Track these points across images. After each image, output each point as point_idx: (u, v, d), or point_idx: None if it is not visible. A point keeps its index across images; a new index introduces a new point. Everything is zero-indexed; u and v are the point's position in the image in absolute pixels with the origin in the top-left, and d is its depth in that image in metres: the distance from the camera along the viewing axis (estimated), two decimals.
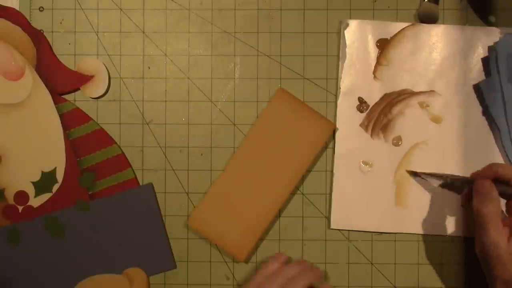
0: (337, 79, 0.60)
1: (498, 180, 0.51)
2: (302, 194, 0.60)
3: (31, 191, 0.60)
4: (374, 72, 0.59)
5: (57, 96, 0.60)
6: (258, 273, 0.56)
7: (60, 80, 0.60)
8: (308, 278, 0.54)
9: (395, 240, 0.59)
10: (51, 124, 0.60)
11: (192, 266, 0.60)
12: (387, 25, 0.59)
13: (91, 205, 0.60)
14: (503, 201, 0.52)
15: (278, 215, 0.60)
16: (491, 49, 0.58)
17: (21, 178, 0.60)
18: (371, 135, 0.59)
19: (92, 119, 0.60)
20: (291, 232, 0.60)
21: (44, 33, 0.60)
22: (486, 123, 0.59)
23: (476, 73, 0.59)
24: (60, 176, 0.60)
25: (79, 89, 0.60)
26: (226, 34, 0.60)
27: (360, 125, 0.59)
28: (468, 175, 0.59)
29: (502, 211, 0.51)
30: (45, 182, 0.60)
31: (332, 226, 0.59)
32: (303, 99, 0.60)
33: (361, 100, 0.59)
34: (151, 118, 0.60)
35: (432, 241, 0.59)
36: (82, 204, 0.60)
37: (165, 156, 0.60)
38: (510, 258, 0.48)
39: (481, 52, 0.59)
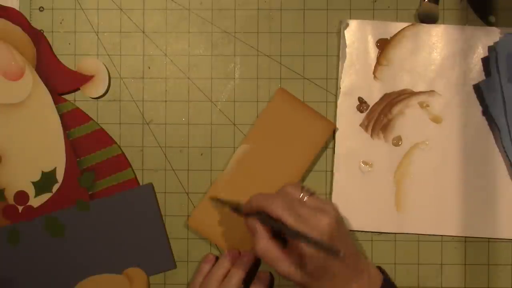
0: (337, 79, 0.60)
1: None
2: None
3: (31, 191, 0.60)
4: (374, 72, 0.59)
5: (57, 96, 0.60)
6: (193, 279, 0.57)
7: (60, 80, 0.60)
8: (242, 270, 0.55)
9: (395, 240, 0.59)
10: (51, 124, 0.60)
11: (192, 266, 0.60)
12: (387, 25, 0.59)
13: (91, 205, 0.60)
14: None
15: None
16: (491, 49, 0.58)
17: (21, 178, 0.60)
18: (371, 135, 0.59)
19: (92, 119, 0.60)
20: None
21: (44, 33, 0.60)
22: (486, 123, 0.59)
23: (476, 73, 0.59)
24: (60, 176, 0.60)
25: (79, 89, 0.60)
26: (226, 34, 0.60)
27: (360, 125, 0.59)
28: (468, 175, 0.59)
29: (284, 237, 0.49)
30: (45, 182, 0.60)
31: None
32: (303, 99, 0.60)
33: (361, 100, 0.59)
34: (151, 118, 0.60)
35: (432, 241, 0.59)
36: (82, 204, 0.60)
37: (165, 156, 0.60)
38: (307, 280, 0.47)
39: (481, 52, 0.59)
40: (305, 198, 0.49)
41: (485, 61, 0.59)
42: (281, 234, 0.49)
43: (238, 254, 0.57)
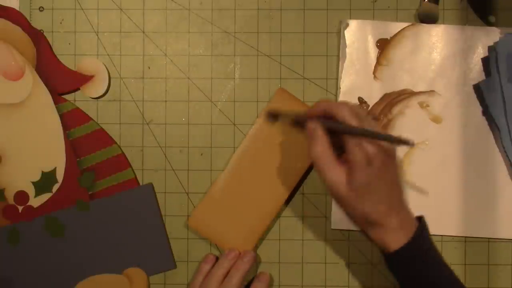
0: (337, 79, 0.60)
1: (326, 117, 0.48)
2: (302, 194, 0.60)
3: (31, 191, 0.60)
4: (374, 72, 0.59)
5: (57, 96, 0.60)
6: (193, 279, 0.57)
7: (60, 80, 0.60)
8: (242, 270, 0.56)
9: None
10: (51, 124, 0.60)
11: (192, 266, 0.60)
12: (387, 25, 0.59)
13: (91, 205, 0.60)
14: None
15: (278, 215, 0.60)
16: (491, 49, 0.58)
17: (21, 178, 0.60)
18: None
19: (92, 119, 0.60)
20: (291, 232, 0.60)
21: (44, 33, 0.60)
22: (486, 123, 0.59)
23: (476, 73, 0.59)
24: (60, 176, 0.60)
25: (79, 89, 0.60)
26: (226, 34, 0.60)
27: None
28: (468, 175, 0.59)
29: (340, 146, 0.48)
30: (45, 182, 0.60)
31: (332, 226, 0.59)
32: (303, 99, 0.60)
33: (361, 100, 0.59)
34: (151, 118, 0.60)
35: None
36: (82, 204, 0.60)
37: (165, 156, 0.60)
38: (351, 195, 0.47)
39: (481, 52, 0.59)
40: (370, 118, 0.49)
41: (485, 61, 0.59)
42: (337, 145, 0.49)
43: (238, 254, 0.57)
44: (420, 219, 0.50)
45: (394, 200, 0.48)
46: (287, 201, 0.60)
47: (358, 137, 0.46)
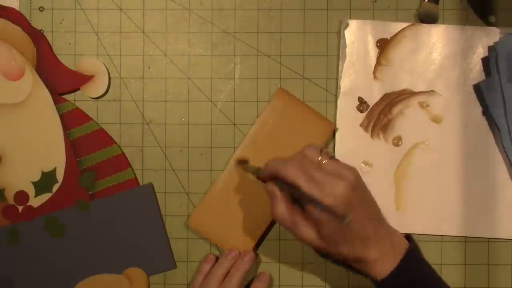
0: (337, 79, 0.60)
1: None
2: None
3: (31, 191, 0.60)
4: (374, 72, 0.59)
5: (57, 96, 0.60)
6: (193, 279, 0.57)
7: (60, 80, 0.60)
8: (242, 270, 0.56)
9: None
10: (51, 124, 0.60)
11: (192, 266, 0.60)
12: (387, 25, 0.59)
13: (91, 205, 0.60)
14: None
15: None
16: (491, 49, 0.58)
17: (21, 178, 0.60)
18: (371, 135, 0.59)
19: (92, 119, 0.60)
20: None
21: (44, 33, 0.60)
22: (486, 123, 0.59)
23: (476, 73, 0.59)
24: (60, 176, 0.60)
25: (79, 89, 0.60)
26: (226, 34, 0.60)
27: (360, 125, 0.59)
28: (468, 175, 0.59)
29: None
30: (45, 182, 0.60)
31: None
32: (303, 99, 0.60)
33: (361, 100, 0.59)
34: (151, 118, 0.60)
35: (432, 241, 0.59)
36: (82, 204, 0.60)
37: (165, 156, 0.60)
38: (324, 245, 0.47)
39: (481, 52, 0.59)
40: (324, 161, 0.47)
41: (485, 61, 0.59)
42: (299, 199, 0.48)
43: (238, 254, 0.57)
44: (410, 239, 0.50)
45: (370, 231, 0.47)
46: None
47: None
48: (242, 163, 0.55)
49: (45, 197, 0.60)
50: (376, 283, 0.48)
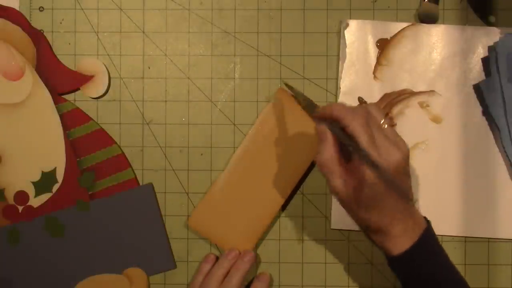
0: (337, 79, 0.60)
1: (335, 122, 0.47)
2: (302, 194, 0.60)
3: (31, 191, 0.60)
4: (374, 72, 0.59)
5: (57, 96, 0.60)
6: (193, 279, 0.57)
7: (60, 80, 0.60)
8: (242, 270, 0.56)
9: None
10: (51, 124, 0.60)
11: (192, 266, 0.60)
12: (387, 25, 0.59)
13: (91, 205, 0.60)
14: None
15: (278, 215, 0.60)
16: (491, 49, 0.58)
17: (21, 178, 0.60)
18: None
19: (92, 119, 0.60)
20: (291, 232, 0.60)
21: (44, 33, 0.60)
22: (486, 123, 0.59)
23: (476, 73, 0.59)
24: (60, 176, 0.60)
25: (79, 89, 0.60)
26: (226, 34, 0.60)
27: None
28: (468, 175, 0.59)
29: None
30: (45, 182, 0.60)
31: (332, 226, 0.59)
32: None
33: (361, 100, 0.59)
34: (151, 118, 0.61)
35: None
36: (82, 204, 0.60)
37: (165, 156, 0.60)
38: (355, 206, 0.46)
39: (481, 52, 0.59)
40: (385, 126, 0.47)
41: (485, 61, 0.59)
42: (347, 150, 0.47)
43: (238, 254, 0.57)
44: (428, 222, 0.50)
45: (399, 210, 0.47)
46: (287, 201, 0.60)
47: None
48: (290, 87, 0.53)
49: (45, 197, 0.60)
50: (390, 257, 0.48)
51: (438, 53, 0.59)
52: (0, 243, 0.60)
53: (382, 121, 0.47)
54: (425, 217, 0.50)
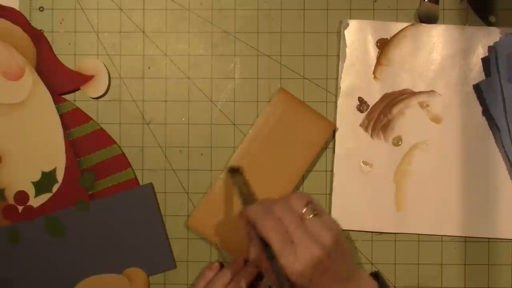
0: (337, 79, 0.60)
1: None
2: None
3: (31, 191, 0.60)
4: (374, 72, 0.59)
5: (57, 96, 0.60)
6: (194, 285, 0.57)
7: (60, 80, 0.60)
8: (244, 279, 0.55)
9: (395, 240, 0.59)
10: (51, 124, 0.60)
11: (192, 266, 0.60)
12: (387, 25, 0.59)
13: (91, 205, 0.60)
14: None
15: None
16: (491, 49, 0.58)
17: (21, 178, 0.60)
18: (371, 135, 0.59)
19: (92, 119, 0.60)
20: None
21: (44, 33, 0.60)
22: (486, 123, 0.59)
23: (476, 73, 0.59)
24: (60, 176, 0.60)
25: (79, 89, 0.60)
26: (226, 34, 0.60)
27: (360, 125, 0.59)
28: (468, 175, 0.59)
29: None
30: (45, 182, 0.60)
31: None
32: (303, 99, 0.60)
33: (361, 100, 0.59)
34: (151, 118, 0.61)
35: (432, 241, 0.59)
36: (82, 204, 0.60)
37: (165, 156, 0.60)
38: None
39: (481, 52, 0.59)
40: (308, 217, 0.45)
41: (485, 61, 0.59)
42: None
43: (243, 264, 0.57)
44: (377, 275, 0.49)
45: (339, 279, 0.45)
46: None
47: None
48: (234, 171, 0.52)
49: (45, 197, 0.60)
50: None
51: (438, 53, 0.59)
52: (0, 243, 0.60)
53: (304, 210, 0.45)
54: (375, 273, 0.49)
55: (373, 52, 0.59)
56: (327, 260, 0.44)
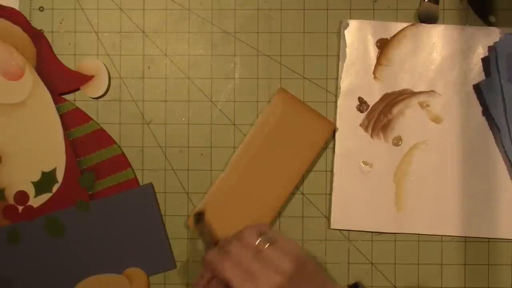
0: (337, 79, 0.60)
1: None
2: (302, 194, 0.60)
3: (31, 191, 0.60)
4: (374, 72, 0.59)
5: (57, 96, 0.60)
6: (195, 285, 0.56)
7: (60, 80, 0.60)
8: None
9: (395, 240, 0.59)
10: (51, 124, 0.60)
11: (192, 266, 0.60)
12: (387, 25, 0.59)
13: (91, 205, 0.60)
14: None
15: (278, 215, 0.60)
16: (491, 49, 0.58)
17: (21, 178, 0.60)
18: (371, 135, 0.59)
19: (92, 119, 0.60)
20: (291, 232, 0.60)
21: (44, 33, 0.60)
22: (486, 123, 0.59)
23: (476, 73, 0.59)
24: (60, 176, 0.60)
25: (79, 89, 0.60)
26: (226, 34, 0.60)
27: (360, 125, 0.59)
28: (468, 175, 0.59)
29: None
30: (45, 182, 0.60)
31: (332, 226, 0.59)
32: (303, 99, 0.60)
33: (361, 100, 0.59)
34: (151, 118, 0.61)
35: (432, 241, 0.59)
36: (82, 204, 0.60)
37: (165, 156, 0.60)
38: None
39: (481, 52, 0.59)
40: (265, 247, 0.45)
41: (485, 61, 0.59)
42: None
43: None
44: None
45: None
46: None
47: None
48: (198, 218, 0.54)
49: (45, 197, 0.60)
50: None
51: (438, 53, 0.59)
52: (0, 243, 0.60)
53: (257, 242, 0.45)
54: (356, 284, 0.49)
55: (373, 52, 0.59)
56: (291, 285, 0.43)
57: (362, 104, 0.59)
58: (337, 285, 0.48)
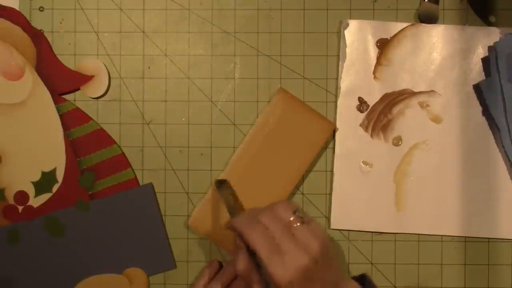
0: (337, 79, 0.60)
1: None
2: (302, 194, 0.60)
3: (31, 191, 0.60)
4: (374, 72, 0.59)
5: (57, 96, 0.60)
6: (195, 284, 0.57)
7: (60, 80, 0.60)
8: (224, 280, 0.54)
9: (395, 240, 0.59)
10: (51, 124, 0.60)
11: (192, 266, 0.60)
12: (387, 25, 0.59)
13: (91, 205, 0.60)
14: None
15: None
16: (491, 49, 0.58)
17: (21, 178, 0.60)
18: (371, 135, 0.59)
19: (92, 119, 0.60)
20: None
21: (44, 33, 0.60)
22: (486, 123, 0.59)
23: (476, 73, 0.59)
24: (60, 176, 0.60)
25: (79, 89, 0.60)
26: (226, 34, 0.60)
27: (360, 125, 0.59)
28: (468, 175, 0.59)
29: None
30: (45, 182, 0.60)
31: (332, 226, 0.59)
32: (303, 99, 0.60)
33: (361, 100, 0.59)
34: (151, 118, 0.61)
35: (432, 241, 0.59)
36: (82, 204, 0.60)
37: (165, 156, 0.60)
38: None
39: (481, 52, 0.59)
40: (296, 224, 0.45)
41: (485, 61, 0.59)
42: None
43: (218, 268, 0.57)
44: (364, 279, 0.48)
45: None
46: None
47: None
48: (220, 184, 0.53)
49: (45, 197, 0.60)
50: None
51: (438, 53, 0.59)
52: (0, 243, 0.60)
53: (291, 219, 0.45)
54: (363, 276, 0.49)
55: (373, 52, 0.59)
56: (315, 268, 0.43)
57: (362, 104, 0.59)
58: (350, 281, 0.48)
